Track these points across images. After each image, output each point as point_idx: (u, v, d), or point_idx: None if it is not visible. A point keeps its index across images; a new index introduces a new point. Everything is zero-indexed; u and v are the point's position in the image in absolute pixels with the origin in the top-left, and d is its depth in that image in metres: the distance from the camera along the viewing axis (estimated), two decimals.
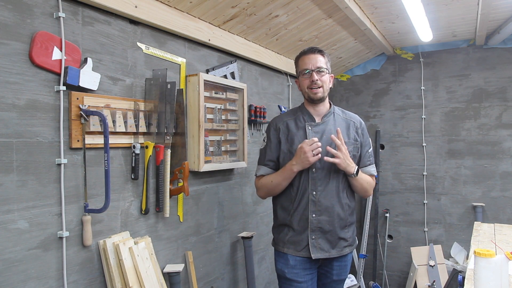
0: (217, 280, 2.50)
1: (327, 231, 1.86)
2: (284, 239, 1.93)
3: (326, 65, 1.89)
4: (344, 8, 2.52)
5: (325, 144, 1.83)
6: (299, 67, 1.92)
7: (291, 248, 1.90)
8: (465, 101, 3.65)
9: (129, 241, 1.77)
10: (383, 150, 4.01)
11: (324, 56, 1.90)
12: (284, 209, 1.94)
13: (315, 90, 1.86)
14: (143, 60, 1.94)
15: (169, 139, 1.98)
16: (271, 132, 1.97)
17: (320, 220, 1.85)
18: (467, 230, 3.51)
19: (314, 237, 1.86)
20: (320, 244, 1.87)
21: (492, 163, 3.54)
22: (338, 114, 1.97)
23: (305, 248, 1.87)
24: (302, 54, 1.92)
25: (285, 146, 1.91)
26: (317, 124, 1.90)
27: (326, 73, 1.88)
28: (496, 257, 1.36)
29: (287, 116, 1.98)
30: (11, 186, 1.39)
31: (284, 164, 1.89)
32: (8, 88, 1.38)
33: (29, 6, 1.44)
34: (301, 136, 1.88)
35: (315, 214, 1.85)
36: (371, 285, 3.81)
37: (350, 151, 1.87)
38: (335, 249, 1.89)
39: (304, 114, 1.94)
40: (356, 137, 1.94)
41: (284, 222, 1.93)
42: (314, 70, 1.85)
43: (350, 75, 4.17)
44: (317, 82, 1.85)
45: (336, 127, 1.89)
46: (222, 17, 2.29)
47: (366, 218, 3.88)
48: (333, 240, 1.88)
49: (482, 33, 3.24)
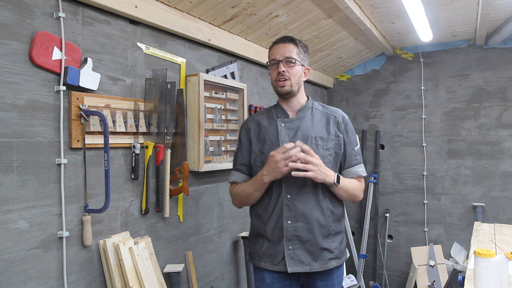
0: (217, 280, 2.50)
1: (306, 240, 1.61)
2: (259, 251, 1.69)
3: (297, 55, 1.67)
4: (344, 8, 2.52)
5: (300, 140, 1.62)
6: (268, 57, 1.73)
7: (267, 261, 1.66)
8: (465, 101, 3.65)
9: (129, 241, 1.77)
10: (383, 150, 4.01)
11: (297, 46, 1.68)
12: (259, 216, 1.71)
13: (282, 83, 1.65)
14: (143, 60, 1.94)
15: (169, 139, 1.98)
16: (242, 133, 1.78)
17: (297, 228, 1.61)
18: (467, 230, 3.51)
19: (291, 248, 1.61)
20: (298, 256, 1.61)
21: (492, 163, 3.54)
22: (317, 108, 1.75)
23: (282, 261, 1.62)
24: (273, 43, 1.72)
25: (256, 147, 1.71)
26: (291, 120, 1.69)
27: (298, 65, 1.67)
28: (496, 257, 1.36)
29: (260, 115, 1.79)
30: (11, 186, 1.38)
31: (255, 167, 1.70)
32: (8, 88, 1.38)
33: (29, 6, 1.44)
34: (273, 134, 1.68)
35: (290, 220, 1.61)
36: (371, 285, 3.81)
37: (330, 149, 1.66)
38: (317, 262, 1.62)
39: (277, 111, 1.74)
40: (337, 133, 1.69)
41: (259, 232, 1.70)
42: (281, 60, 1.64)
43: (350, 75, 4.17)
44: (284, 74, 1.64)
45: (314, 122, 1.68)
46: (222, 17, 2.29)
47: (366, 218, 3.88)
48: (314, 251, 1.62)
49: (482, 33, 3.24)
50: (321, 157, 1.62)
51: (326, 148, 1.67)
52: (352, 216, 4.15)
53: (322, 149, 1.65)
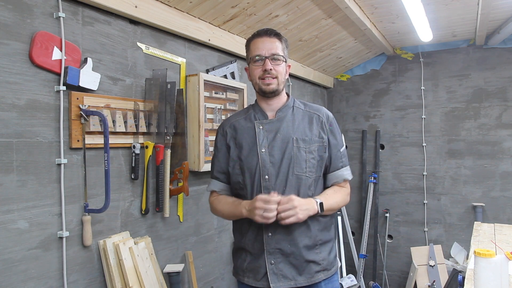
0: (217, 280, 2.50)
1: (289, 253, 1.48)
2: (242, 266, 1.57)
3: (283, 52, 1.55)
4: (344, 8, 2.52)
5: (279, 145, 1.50)
6: (250, 52, 1.56)
7: (250, 277, 1.53)
8: (465, 101, 3.65)
9: (129, 241, 1.77)
10: (383, 150, 4.01)
11: (281, 42, 1.56)
12: (239, 229, 1.60)
13: (268, 81, 1.51)
14: (143, 60, 1.94)
15: (169, 139, 1.98)
16: (218, 138, 1.64)
17: (278, 240, 1.47)
18: (467, 230, 3.51)
19: (273, 262, 1.48)
20: (281, 270, 1.48)
21: (492, 163, 3.54)
22: (299, 107, 1.60)
23: (264, 276, 1.49)
24: (256, 36, 1.56)
25: (234, 153, 1.56)
26: (270, 122, 1.55)
27: (283, 62, 1.54)
28: (496, 257, 1.36)
29: (236, 117, 1.64)
30: (11, 186, 1.39)
31: (234, 174, 1.56)
32: (8, 88, 1.38)
33: (29, 6, 1.44)
34: (251, 137, 1.54)
35: (271, 232, 1.48)
36: (371, 285, 3.81)
37: (313, 152, 1.52)
38: (303, 276, 1.49)
39: (255, 111, 1.59)
40: (321, 134, 1.55)
41: (240, 245, 1.59)
42: (268, 57, 1.51)
43: (350, 75, 4.17)
44: (271, 71, 1.51)
45: (295, 123, 1.54)
46: (222, 17, 2.29)
47: (366, 218, 3.89)
48: (299, 264, 1.48)
49: (482, 33, 3.24)
50: (304, 161, 1.50)
51: (309, 151, 1.52)
52: (352, 216, 4.15)
53: (304, 153, 1.51)
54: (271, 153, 1.50)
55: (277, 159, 1.49)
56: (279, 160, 1.49)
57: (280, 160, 1.49)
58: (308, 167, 1.51)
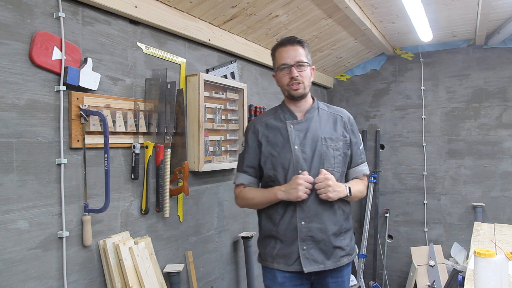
0: (217, 280, 2.50)
1: (320, 240, 1.66)
2: (272, 253, 1.72)
3: (306, 57, 1.69)
4: (344, 8, 2.52)
5: (309, 143, 1.67)
6: (277, 61, 1.71)
7: (281, 262, 1.69)
8: (465, 101, 3.65)
9: (129, 241, 1.77)
10: (383, 150, 4.01)
11: (304, 48, 1.69)
12: (269, 218, 1.74)
13: (296, 87, 1.67)
14: (143, 60, 1.94)
15: (169, 139, 1.98)
16: (249, 135, 1.78)
17: (311, 228, 1.65)
18: (467, 230, 3.51)
19: (305, 248, 1.65)
20: (312, 255, 1.65)
21: (492, 163, 3.54)
22: (323, 109, 1.78)
23: (296, 261, 1.66)
24: (279, 45, 1.71)
25: (266, 149, 1.72)
26: (300, 122, 1.71)
27: (307, 67, 1.69)
28: (496, 257, 1.36)
29: (266, 116, 1.79)
30: (11, 186, 1.38)
31: (266, 169, 1.72)
32: (8, 88, 1.38)
33: (29, 6, 1.44)
34: (283, 136, 1.70)
35: (304, 221, 1.65)
36: (371, 285, 3.81)
37: (339, 149, 1.71)
38: (330, 260, 1.67)
39: (284, 112, 1.75)
40: (344, 133, 1.74)
41: (270, 234, 1.73)
42: (293, 65, 1.65)
43: (350, 75, 4.17)
44: (298, 78, 1.66)
45: (322, 123, 1.72)
46: (222, 17, 2.29)
47: (366, 218, 3.88)
48: (328, 249, 1.67)
49: (482, 33, 3.24)
50: (332, 158, 1.69)
51: (336, 149, 1.71)
52: (352, 216, 4.14)
53: (332, 150, 1.70)
54: (303, 150, 1.67)
55: (308, 156, 1.66)
56: (310, 157, 1.66)
57: (311, 156, 1.66)
58: (336, 162, 1.70)
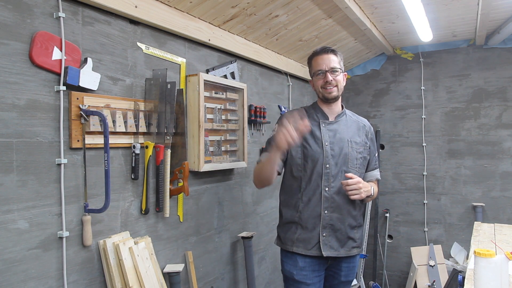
0: (217, 280, 2.50)
1: (338, 229, 1.86)
2: (292, 237, 1.90)
3: (339, 64, 1.90)
4: (344, 8, 2.52)
5: (337, 143, 1.87)
6: (313, 68, 1.93)
7: (300, 246, 1.88)
8: (465, 101, 3.65)
9: (129, 241, 1.77)
10: (383, 150, 4.02)
11: (337, 56, 1.91)
12: (291, 206, 1.92)
13: (330, 89, 1.88)
14: (143, 60, 1.94)
15: (169, 139, 1.98)
16: (284, 122, 1.92)
17: (332, 217, 1.85)
18: (467, 230, 3.51)
19: (325, 235, 1.85)
20: (330, 242, 1.85)
21: (492, 163, 3.54)
22: (350, 116, 2.00)
23: (315, 246, 1.85)
24: (315, 54, 1.92)
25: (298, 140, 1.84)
26: (331, 123, 1.92)
27: (340, 72, 1.90)
28: (496, 257, 1.36)
29: (300, 113, 1.93)
30: (11, 186, 1.38)
31: (296, 158, 1.89)
32: (8, 88, 1.38)
33: (29, 6, 1.44)
34: (315, 132, 1.89)
35: (327, 210, 1.84)
36: (371, 285, 3.81)
37: (361, 152, 1.92)
38: (343, 249, 1.88)
39: (317, 112, 1.95)
40: (365, 140, 1.97)
41: (292, 220, 1.91)
42: (328, 70, 1.86)
43: (350, 75, 4.17)
44: (332, 82, 1.86)
45: (348, 128, 1.93)
46: (222, 17, 2.29)
47: (366, 218, 3.88)
48: (342, 239, 1.87)
49: (482, 33, 3.24)
50: (355, 159, 1.90)
51: (359, 152, 1.92)
52: None
53: (356, 152, 1.91)
54: (332, 147, 1.87)
55: (336, 153, 1.87)
56: (337, 155, 1.87)
57: (338, 154, 1.87)
58: (357, 164, 1.91)
